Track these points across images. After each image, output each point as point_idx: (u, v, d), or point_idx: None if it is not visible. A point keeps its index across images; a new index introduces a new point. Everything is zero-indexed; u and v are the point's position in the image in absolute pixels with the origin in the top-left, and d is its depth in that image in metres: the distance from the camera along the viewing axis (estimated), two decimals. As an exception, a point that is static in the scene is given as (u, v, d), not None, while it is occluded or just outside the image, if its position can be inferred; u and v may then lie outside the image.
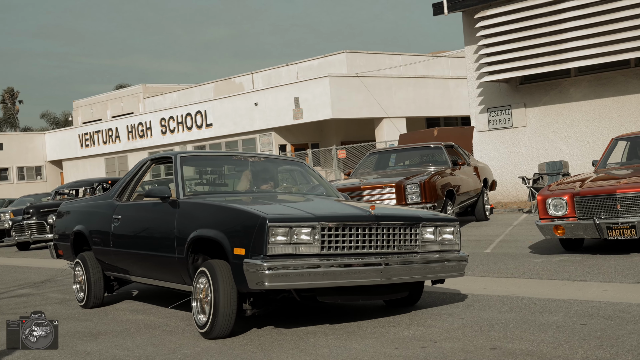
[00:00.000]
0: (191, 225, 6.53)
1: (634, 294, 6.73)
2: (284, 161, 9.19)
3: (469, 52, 19.19)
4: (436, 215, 6.97)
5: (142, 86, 48.02)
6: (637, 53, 15.96)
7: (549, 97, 18.13)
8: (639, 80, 16.75)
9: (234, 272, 5.88)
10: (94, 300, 8.31)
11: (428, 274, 6.45)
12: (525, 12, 17.30)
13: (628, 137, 11.55)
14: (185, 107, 36.79)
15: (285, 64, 38.18)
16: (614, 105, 17.15)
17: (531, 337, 5.38)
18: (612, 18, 16.04)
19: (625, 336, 5.17)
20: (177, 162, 7.37)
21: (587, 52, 16.48)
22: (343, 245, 5.91)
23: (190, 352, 5.79)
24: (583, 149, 17.56)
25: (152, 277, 7.54)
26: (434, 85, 34.56)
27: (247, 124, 33.49)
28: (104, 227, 8.16)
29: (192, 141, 35.72)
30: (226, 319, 5.95)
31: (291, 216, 5.90)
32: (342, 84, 31.26)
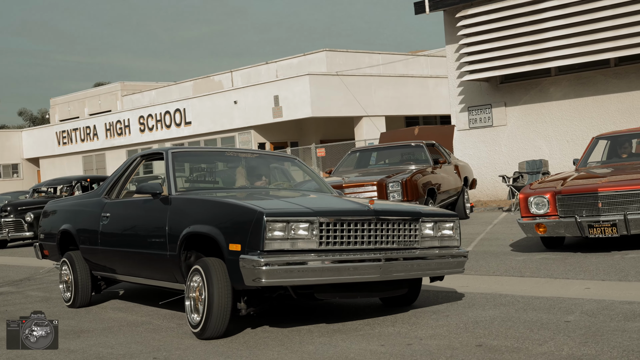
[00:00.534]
0: (184, 222, 6.39)
1: (616, 291, 6.78)
2: (277, 157, 9.04)
3: (450, 51, 19.27)
4: (436, 210, 6.84)
5: (121, 84, 47.77)
6: (616, 53, 16.10)
7: (529, 96, 18.25)
8: (618, 79, 16.89)
9: (229, 269, 5.76)
10: (81, 300, 8.15)
11: (428, 270, 6.37)
12: (506, 11, 17.41)
13: (608, 136, 11.64)
14: (164, 105, 36.64)
15: (265, 62, 38.13)
16: (593, 105, 17.28)
17: (516, 334, 5.41)
18: (592, 18, 16.17)
19: (609, 333, 5.21)
20: (169, 158, 7.23)
21: (567, 51, 16.61)
22: (342, 241, 5.79)
23: (175, 350, 5.76)
24: (563, 148, 17.68)
25: (142, 276, 7.38)
26: (414, 84, 34.66)
27: (227, 122, 33.41)
28: (92, 225, 8.01)
29: (171, 139, 35.58)
30: (220, 318, 5.80)
31: (289, 211, 5.79)
32: (322, 82, 31.28)
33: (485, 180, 18.80)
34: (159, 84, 46.97)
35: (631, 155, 11.28)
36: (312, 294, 5.95)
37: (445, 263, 6.47)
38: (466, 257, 6.66)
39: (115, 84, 48.67)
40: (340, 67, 33.69)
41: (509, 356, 4.82)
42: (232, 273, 5.75)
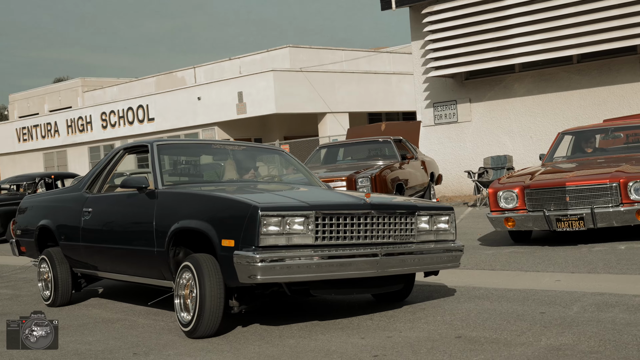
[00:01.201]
0: (172, 217, 6.18)
1: (586, 283, 6.92)
2: (264, 150, 8.80)
3: (415, 47, 19.41)
4: (432, 204, 6.65)
5: (81, 80, 47.22)
6: (578, 50, 16.35)
7: (493, 92, 18.45)
8: (581, 76, 17.16)
9: (222, 265, 5.58)
10: (62, 298, 7.87)
11: (424, 265, 6.22)
12: (471, 7, 17.59)
13: (573, 132, 11.83)
14: (127, 102, 36.33)
15: (228, 58, 37.98)
16: (556, 101, 17.53)
17: (494, 326, 5.49)
18: (555, 15, 16.41)
19: (584, 323, 5.32)
20: (154, 151, 6.99)
21: (530, 48, 16.84)
22: (337, 236, 5.63)
23: (154, 345, 5.76)
24: (526, 144, 17.90)
25: (127, 273, 7.14)
26: (377, 80, 34.77)
27: (190, 119, 33.23)
28: (72, 221, 7.74)
29: (134, 136, 35.26)
30: (213, 317, 5.61)
31: (284, 205, 5.62)
32: (286, 78, 31.26)
33: (450, 176, 18.97)
34: (121, 80, 46.52)
35: (596, 150, 11.50)
36: (307, 291, 5.78)
37: (441, 257, 6.34)
38: (462, 251, 6.54)
39: (75, 80, 48.10)
40: (303, 63, 33.70)
41: (488, 347, 4.90)
42: (225, 270, 5.57)
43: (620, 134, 11.53)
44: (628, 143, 11.42)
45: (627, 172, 9.16)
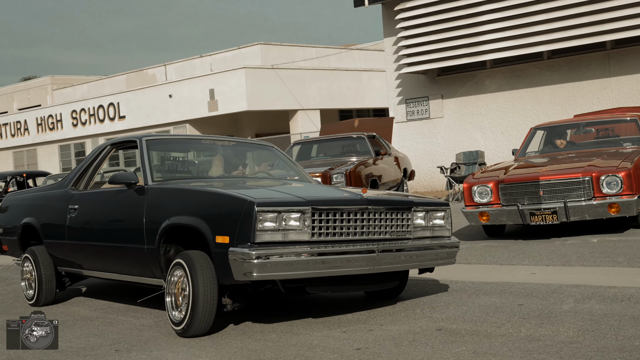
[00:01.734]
0: (163, 213, 6.00)
1: (561, 275, 7.00)
2: (254, 145, 8.48)
3: (388, 44, 19.47)
4: (427, 199, 6.48)
5: (51, 78, 46.81)
6: (549, 46, 16.52)
7: (465, 88, 18.58)
8: (551, 72, 17.33)
9: (215, 262, 5.44)
10: (46, 297, 7.68)
11: (420, 262, 6.12)
12: (443, 4, 17.70)
13: (545, 127, 11.95)
14: (98, 99, 36.09)
15: (199, 56, 37.84)
16: (527, 96, 17.70)
17: (473, 318, 5.55)
18: (526, 12, 16.57)
19: (562, 315, 5.39)
20: (143, 146, 6.81)
21: (502, 44, 16.99)
22: (334, 232, 5.50)
23: (135, 342, 5.74)
24: (497, 139, 18.05)
25: (115, 272, 6.95)
26: (347, 77, 34.83)
27: (161, 116, 33.09)
28: (58, 218, 7.54)
29: (105, 134, 35.05)
30: (206, 315, 5.47)
31: (280, 200, 5.44)
32: (258, 75, 31.23)
33: (422, 172, 19.08)
34: (91, 77, 46.17)
35: (567, 145, 11.62)
36: (303, 288, 5.64)
37: (437, 254, 6.23)
38: (458, 247, 6.43)
39: (45, 78, 47.65)
40: (274, 60, 33.68)
41: (469, 338, 4.95)
42: (218, 267, 5.42)
43: (592, 129, 11.67)
44: (599, 138, 11.56)
45: (599, 167, 9.28)
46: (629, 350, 4.37)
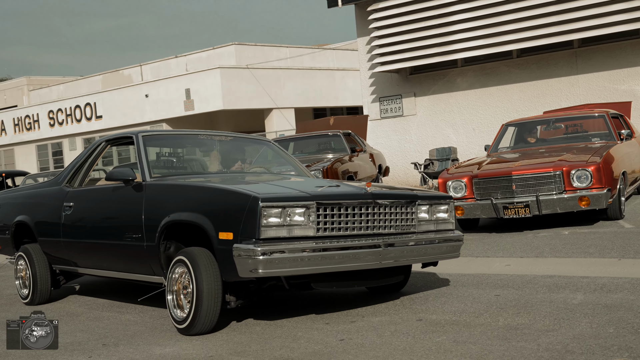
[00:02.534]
0: (163, 210, 5.81)
1: (535, 266, 7.09)
2: (251, 140, 8.16)
3: (361, 44, 19.49)
4: (431, 193, 6.37)
5: (26, 78, 46.40)
6: (519, 45, 16.62)
7: (437, 86, 18.66)
8: (520, 70, 17.46)
9: (219, 259, 5.25)
10: (40, 296, 7.46)
11: (425, 256, 5.94)
12: (415, 4, 17.73)
13: (516, 123, 12.08)
14: (74, 99, 35.83)
15: (175, 56, 37.70)
16: (497, 94, 17.81)
17: (452, 309, 5.62)
18: (496, 12, 16.64)
19: (538, 304, 5.48)
20: (140, 142, 6.59)
21: (472, 43, 17.05)
22: (339, 227, 5.34)
23: (121, 336, 5.74)
24: (469, 136, 18.16)
25: (113, 269, 6.73)
26: (321, 76, 34.89)
27: (138, 116, 32.94)
28: (52, 216, 7.32)
29: (82, 133, 34.85)
30: (210, 313, 5.31)
31: (284, 195, 5.28)
32: (233, 75, 31.18)
33: (396, 168, 19.15)
34: (67, 78, 45.82)
35: (537, 140, 11.76)
36: (307, 284, 5.49)
37: (442, 248, 6.08)
38: (462, 241, 6.27)
39: (20, 79, 47.20)
40: (249, 60, 33.65)
41: (449, 328, 5.02)
42: (222, 264, 5.25)
43: (561, 125, 11.80)
44: (568, 133, 11.69)
45: (569, 161, 9.40)
46: (603, 337, 4.46)
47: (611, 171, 9.40)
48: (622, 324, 4.70)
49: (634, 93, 15.88)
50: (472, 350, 4.44)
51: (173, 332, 5.72)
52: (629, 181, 10.49)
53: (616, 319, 4.82)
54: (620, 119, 11.95)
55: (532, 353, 4.25)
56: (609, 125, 11.04)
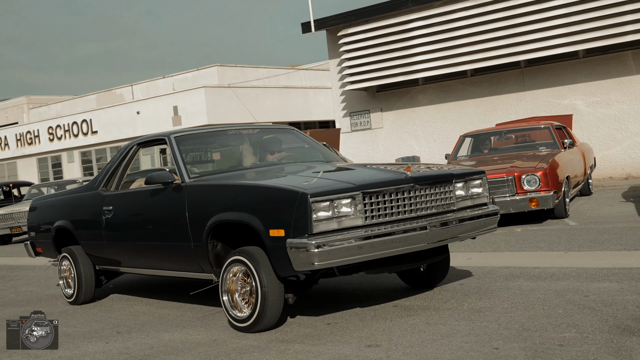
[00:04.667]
0: (208, 210, 5.41)
1: (493, 259, 7.29)
2: (276, 130, 7.54)
3: (333, 65, 19.71)
4: (464, 169, 5.85)
5: (26, 98, 45.98)
6: (472, 65, 16.93)
7: (401, 102, 18.90)
8: (474, 87, 17.74)
9: (271, 256, 4.91)
10: (85, 295, 7.15)
11: (467, 232, 5.52)
12: (380, 30, 18.00)
13: (473, 134, 12.33)
14: (72, 116, 35.67)
15: (162, 77, 37.66)
16: (454, 109, 18.09)
17: (422, 296, 5.81)
18: (452, 36, 16.94)
19: (497, 291, 5.69)
20: (173, 144, 6.18)
21: (432, 64, 17.32)
22: (385, 213, 4.99)
23: (133, 325, 5.85)
24: (430, 146, 18.43)
25: (160, 269, 6.30)
26: (295, 94, 35.06)
27: (130, 131, 32.88)
28: (92, 220, 6.92)
29: (79, 147, 34.71)
30: (275, 309, 5.02)
31: (332, 188, 4.85)
32: (216, 93, 31.30)
33: (365, 176, 19.32)
34: (64, 97, 45.52)
35: (491, 149, 12.01)
36: (357, 270, 5.24)
37: (481, 222, 5.66)
38: (498, 214, 5.84)
39: (21, 98, 46.76)
40: (230, 80, 33.74)
41: (421, 312, 5.21)
42: (275, 260, 4.90)
43: (512, 136, 12.06)
44: (518, 143, 11.96)
45: (519, 167, 9.66)
46: (554, 316, 4.68)
47: (557, 176, 9.68)
48: (569, 305, 4.92)
49: (574, 107, 16.24)
50: (442, 330, 4.64)
51: (179, 320, 5.86)
52: (572, 184, 10.78)
53: (564, 302, 5.04)
54: (563, 130, 12.25)
55: (494, 331, 4.47)
56: (553, 136, 11.32)
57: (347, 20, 18.61)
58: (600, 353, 3.83)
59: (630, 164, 15.74)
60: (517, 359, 3.87)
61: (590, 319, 4.52)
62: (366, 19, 18.37)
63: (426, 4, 17.40)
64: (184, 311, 6.24)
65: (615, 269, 6.01)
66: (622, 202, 11.19)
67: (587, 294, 5.22)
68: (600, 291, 5.26)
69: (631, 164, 15.73)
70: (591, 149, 14.00)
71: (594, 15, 15.06)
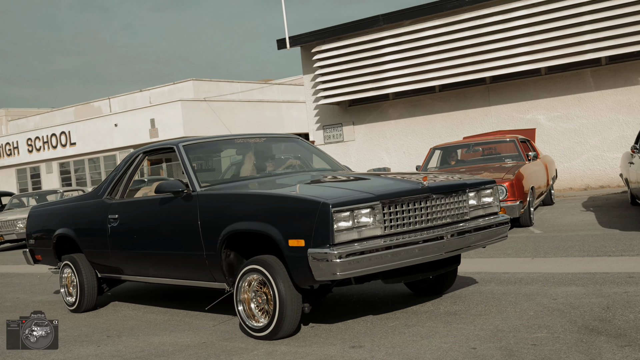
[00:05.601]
0: (222, 219, 5.21)
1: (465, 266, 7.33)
2: (281, 139, 7.16)
3: (307, 80, 19.81)
4: (476, 179, 5.68)
5: (5, 110, 45.47)
6: (441, 81, 17.14)
7: (372, 116, 19.06)
8: (442, 102, 17.96)
9: (290, 266, 4.71)
10: (87, 303, 6.91)
11: (481, 241, 5.38)
12: (353, 47, 18.15)
13: (442, 147, 12.49)
14: (50, 128, 35.36)
15: (139, 90, 37.51)
16: (423, 123, 18.27)
17: (400, 300, 5.88)
18: (421, 53, 17.14)
19: (470, 295, 5.80)
20: (182, 152, 5.97)
21: (402, 80, 17.50)
22: (402, 223, 4.84)
23: (122, 329, 5.86)
24: (400, 158, 18.59)
25: (169, 277, 6.06)
26: (269, 108, 35.14)
27: (108, 142, 32.69)
28: (97, 227, 6.67)
29: (58, 158, 34.41)
30: (294, 318, 4.85)
31: (352, 199, 4.66)
32: (192, 107, 31.26)
33: (338, 186, 19.40)
34: (42, 109, 45.10)
35: (458, 161, 12.18)
36: (374, 279, 5.06)
37: (493, 232, 5.51)
38: (508, 223, 5.69)
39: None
40: (206, 94, 33.71)
41: (400, 315, 5.29)
42: (295, 270, 4.71)
43: (479, 148, 12.25)
44: (484, 155, 12.14)
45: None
46: (526, 318, 4.80)
47: (522, 186, 9.85)
48: (539, 308, 5.05)
49: (537, 121, 16.52)
50: (421, 331, 4.73)
51: (166, 324, 5.88)
52: (536, 194, 10.97)
53: (534, 305, 5.16)
54: (527, 143, 12.46)
55: (471, 332, 4.57)
56: (518, 148, 11.53)
57: (321, 37, 18.75)
58: (571, 352, 3.95)
59: (589, 175, 16.05)
60: (494, 357, 3.98)
61: (560, 320, 4.65)
62: (339, 36, 18.51)
63: (396, 22, 17.60)
64: (171, 316, 6.25)
65: (579, 274, 6.16)
66: (583, 212, 11.42)
67: (555, 297, 5.35)
68: (567, 294, 5.40)
69: (590, 175, 16.04)
70: (553, 161, 14.28)
71: (555, 34, 15.37)
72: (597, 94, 15.91)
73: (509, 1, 16.07)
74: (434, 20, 16.95)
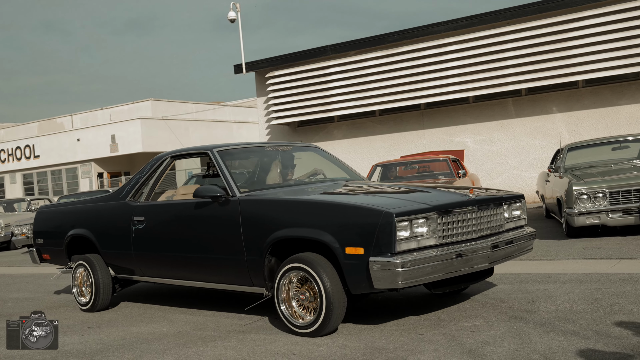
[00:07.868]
0: (268, 225, 4.88)
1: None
2: (301, 148, 6.70)
3: (260, 102, 19.93)
4: (507, 193, 5.42)
5: (-30, 124, 44.23)
6: (380, 106, 17.48)
7: (319, 136, 19.26)
8: (382, 125, 18.28)
9: (346, 273, 4.44)
10: (102, 303, 6.48)
11: (515, 252, 5.15)
12: (303, 74, 18.38)
13: (382, 164, 12.74)
14: (15, 142, 34.56)
15: (101, 108, 37.01)
16: (364, 143, 18.56)
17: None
18: (363, 81, 17.48)
19: (412, 291, 6.01)
20: (217, 158, 5.58)
21: (346, 104, 17.77)
22: (452, 234, 4.60)
23: (101, 321, 5.85)
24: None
25: (202, 280, 5.62)
26: (221, 127, 35.12)
27: (71, 156, 32.15)
28: (119, 229, 6.20)
29: (22, 169, 33.64)
30: (339, 314, 4.59)
31: (411, 208, 4.41)
32: (151, 125, 31.05)
33: (286, 199, 19.48)
34: (6, 124, 43.98)
35: (396, 177, 12.44)
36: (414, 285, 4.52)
37: (525, 244, 5.30)
38: (535, 235, 5.50)
39: (-36, 124, 44.91)
40: (163, 112, 33.51)
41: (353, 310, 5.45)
42: (351, 277, 4.44)
43: (415, 166, 12.53)
44: (419, 172, 12.43)
45: (424, 192, 10.06)
46: (463, 310, 5.01)
47: (454, 200, 10.13)
48: (474, 302, 5.26)
49: (464, 144, 17.01)
50: (374, 321, 4.92)
51: (142, 317, 5.90)
52: (465, 208, 11.25)
53: (469, 300, 5.39)
54: (457, 162, 12.80)
55: (416, 321, 4.77)
56: (450, 167, 11.87)
57: (275, 63, 18.94)
58: (505, 336, 4.21)
59: (509, 192, 16.56)
60: (440, 342, 4.21)
61: (493, 311, 4.91)
62: (291, 63, 18.72)
63: (343, 52, 17.93)
64: (145, 310, 6.29)
65: (506, 275, 6.46)
66: (506, 223, 11.77)
67: (487, 294, 5.61)
68: (497, 291, 5.67)
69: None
70: (479, 179, 14.71)
71: (482, 67, 15.93)
72: (517, 120, 16.50)
73: (442, 37, 16.58)
74: (376, 51, 17.33)
